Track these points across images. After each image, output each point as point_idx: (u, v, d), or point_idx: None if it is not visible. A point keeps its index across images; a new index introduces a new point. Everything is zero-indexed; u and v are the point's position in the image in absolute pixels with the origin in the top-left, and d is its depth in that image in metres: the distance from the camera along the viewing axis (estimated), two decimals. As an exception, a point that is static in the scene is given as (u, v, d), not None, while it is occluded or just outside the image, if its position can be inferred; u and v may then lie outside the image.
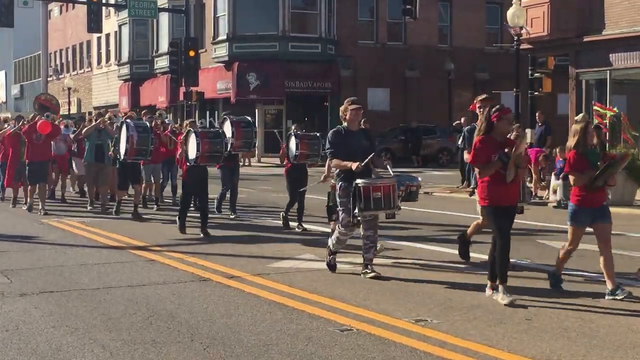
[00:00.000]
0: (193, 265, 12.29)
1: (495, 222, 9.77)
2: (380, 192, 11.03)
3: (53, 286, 10.75)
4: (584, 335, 8.14)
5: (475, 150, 9.72)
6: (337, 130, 11.50)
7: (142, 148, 17.11)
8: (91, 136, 20.05)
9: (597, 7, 27.89)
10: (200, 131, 15.65)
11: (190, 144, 15.35)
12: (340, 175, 11.25)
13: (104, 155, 19.83)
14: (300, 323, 8.62)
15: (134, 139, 16.90)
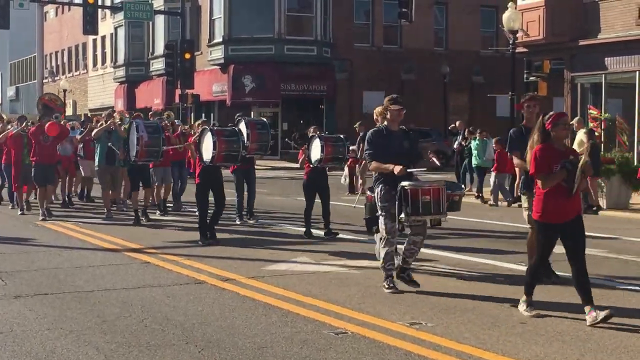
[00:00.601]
0: (188, 267, 12.27)
1: (544, 239, 9.17)
2: (429, 195, 10.27)
3: (47, 288, 10.73)
4: (578, 338, 8.15)
5: (536, 160, 8.88)
6: (378, 130, 10.70)
7: (153, 149, 16.41)
8: (101, 138, 19.14)
9: (592, 11, 27.95)
10: (216, 129, 14.91)
11: (205, 143, 14.44)
12: (380, 178, 10.48)
13: (114, 157, 18.90)
14: (295, 326, 8.62)
15: (144, 140, 16.19)
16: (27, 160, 19.57)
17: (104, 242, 15.09)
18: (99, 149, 19.11)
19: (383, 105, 10.98)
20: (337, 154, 15.67)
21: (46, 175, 18.98)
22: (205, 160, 14.41)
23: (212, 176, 14.78)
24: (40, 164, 18.83)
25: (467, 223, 18.32)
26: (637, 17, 26.31)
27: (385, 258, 10.46)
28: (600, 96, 28.14)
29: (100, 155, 19.04)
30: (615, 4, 27.17)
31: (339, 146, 15.72)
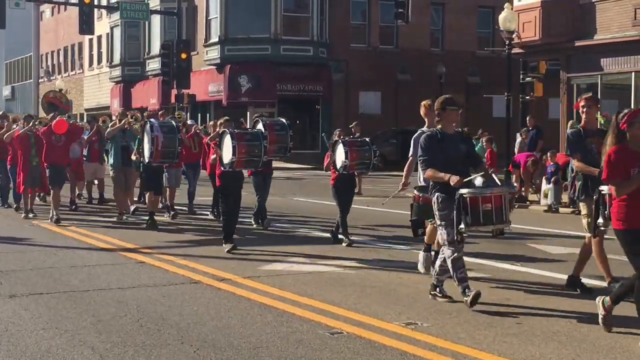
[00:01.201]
0: (184, 267, 12.27)
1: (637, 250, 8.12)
2: (490, 203, 9.52)
3: (43, 288, 10.72)
4: (573, 339, 8.15)
5: (610, 163, 8.08)
6: (432, 135, 9.78)
7: (168, 150, 15.75)
8: (116, 138, 18.44)
9: (588, 12, 27.97)
10: (236, 132, 13.86)
11: (225, 147, 13.53)
12: (436, 186, 9.66)
13: (129, 158, 17.98)
14: (291, 326, 8.62)
15: (159, 140, 15.55)
16: (34, 161, 18.75)
17: (99, 241, 15.08)
18: (113, 149, 18.50)
19: (436, 106, 9.97)
20: (363, 159, 14.90)
21: (60, 176, 18.26)
22: (224, 164, 13.57)
23: (232, 179, 13.99)
24: (54, 166, 17.98)
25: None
26: (633, 18, 26.34)
27: (456, 266, 9.51)
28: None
29: (115, 156, 18.45)
30: (611, 5, 27.19)
31: (365, 151, 14.94)
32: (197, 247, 14.44)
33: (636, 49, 26.24)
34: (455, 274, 9.50)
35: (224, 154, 13.57)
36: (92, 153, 21.70)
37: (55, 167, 17.98)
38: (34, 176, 18.76)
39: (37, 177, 18.81)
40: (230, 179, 13.91)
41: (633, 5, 26.37)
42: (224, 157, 13.53)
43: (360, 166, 15.04)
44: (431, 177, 9.72)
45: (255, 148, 13.63)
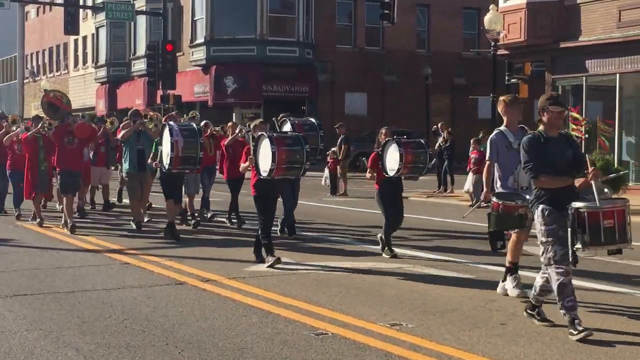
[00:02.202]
0: (169, 268, 12.25)
1: None
2: (612, 219, 8.34)
3: (27, 289, 10.68)
4: (557, 339, 8.18)
5: None
6: (535, 137, 8.61)
7: (189, 155, 14.47)
8: (130, 141, 17.01)
9: (573, 13, 28.05)
10: (276, 136, 12.32)
11: (263, 153, 12.15)
12: (543, 196, 8.49)
13: (145, 162, 16.70)
14: (276, 327, 8.61)
15: (179, 145, 14.27)
16: (42, 165, 17.60)
17: (84, 242, 15.04)
18: (128, 153, 17.05)
19: (539, 104, 8.83)
20: (418, 163, 13.55)
21: (74, 182, 16.93)
22: (262, 172, 12.23)
23: (269, 188, 12.69)
24: (66, 170, 16.63)
25: (448, 224, 18.37)
26: (618, 20, 26.43)
27: (564, 292, 8.31)
28: (581, 98, 28.26)
29: (130, 161, 17.02)
30: (596, 6, 27.28)
31: (420, 154, 13.60)
32: (182, 248, 14.41)
33: (621, 51, 26.34)
34: (562, 301, 8.33)
35: (261, 160, 12.20)
36: (99, 157, 20.73)
37: (68, 172, 16.66)
38: (43, 181, 17.66)
39: (46, 183, 17.81)
40: (267, 188, 12.60)
41: (617, 7, 26.47)
42: (261, 164, 12.17)
43: (413, 170, 13.72)
44: (548, 184, 8.46)
45: (297, 154, 12.20)
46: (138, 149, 16.90)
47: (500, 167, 10.21)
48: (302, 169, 12.41)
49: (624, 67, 26.56)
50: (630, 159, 26.99)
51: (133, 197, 17.27)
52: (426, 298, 10.19)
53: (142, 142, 16.86)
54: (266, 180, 12.30)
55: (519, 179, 10.02)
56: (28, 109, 75.02)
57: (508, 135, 10.22)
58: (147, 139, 16.73)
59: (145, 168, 16.95)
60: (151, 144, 16.16)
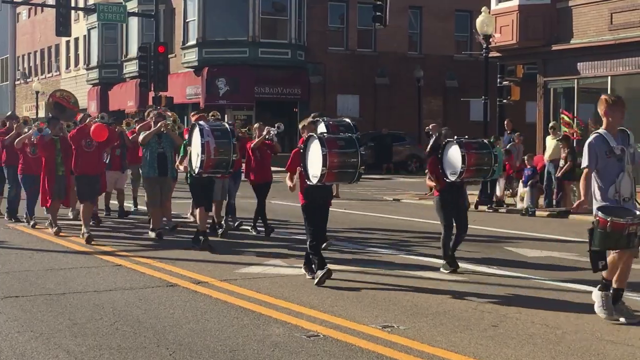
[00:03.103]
0: (160, 270, 12.23)
1: None
2: None
3: (18, 291, 10.66)
4: (549, 341, 8.19)
5: None
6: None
7: (222, 158, 13.30)
8: (150, 144, 15.80)
9: (565, 16, 28.12)
10: (327, 137, 11.03)
11: (312, 155, 10.93)
12: None
13: (167, 167, 15.81)
14: (267, 329, 8.61)
15: (210, 147, 13.10)
16: (60, 170, 16.50)
17: (76, 244, 15.00)
18: (148, 156, 15.83)
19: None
20: (483, 165, 12.27)
21: (92, 188, 15.77)
22: (311, 178, 10.96)
23: (320, 195, 11.49)
24: (84, 176, 15.54)
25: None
26: (610, 23, 26.50)
27: None
28: (572, 101, 28.32)
29: (150, 165, 15.83)
30: (587, 9, 27.35)
31: (485, 155, 12.30)
32: (174, 250, 14.38)
33: (612, 53, 26.42)
34: None
35: (310, 164, 10.97)
36: (114, 160, 19.43)
37: (86, 177, 15.55)
38: (60, 187, 16.58)
39: (63, 189, 16.68)
40: (317, 196, 11.42)
41: (609, 9, 26.54)
42: (311, 168, 10.94)
43: (477, 174, 12.45)
44: None
45: (350, 157, 10.96)
46: (159, 152, 15.79)
47: (600, 175, 8.99)
48: (356, 174, 11.04)
49: (616, 70, 26.64)
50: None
51: (153, 204, 16.07)
52: (418, 300, 10.19)
53: (163, 144, 15.83)
54: (316, 186, 11.06)
55: (620, 189, 8.92)
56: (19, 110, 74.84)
57: (609, 140, 8.98)
58: (168, 142, 15.86)
59: (166, 172, 15.92)
60: (172, 147, 15.72)
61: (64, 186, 16.61)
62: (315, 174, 10.81)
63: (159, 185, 15.91)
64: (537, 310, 9.56)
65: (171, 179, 16.60)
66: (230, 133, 13.41)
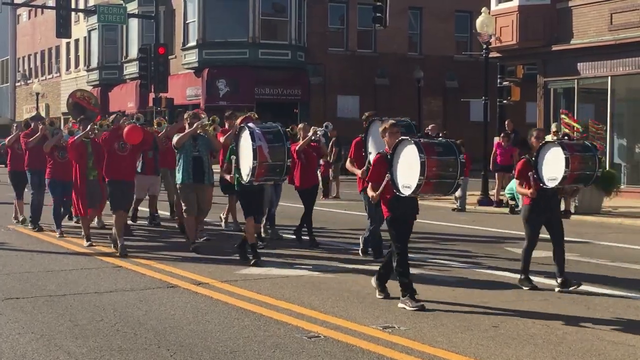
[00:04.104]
0: (161, 271, 12.23)
1: None
2: None
3: (19, 292, 10.66)
4: (550, 342, 8.18)
5: None
6: None
7: (275, 164, 12.14)
8: (185, 147, 14.27)
9: (565, 16, 28.12)
10: (423, 142, 9.66)
11: (405, 163, 9.61)
12: None
13: (203, 172, 14.36)
14: (268, 330, 8.61)
15: (264, 152, 11.96)
16: (91, 175, 15.22)
17: (76, 246, 14.99)
18: (182, 161, 14.29)
19: None
20: (585, 170, 10.97)
21: (126, 195, 14.56)
22: (402, 189, 9.66)
23: (409, 207, 10.13)
24: (117, 182, 14.28)
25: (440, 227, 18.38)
26: (610, 23, 26.51)
27: None
28: (572, 101, 28.33)
29: (184, 169, 14.27)
30: (587, 10, 27.35)
31: (588, 158, 11.00)
32: (174, 251, 14.37)
33: (612, 54, 26.42)
34: None
35: (400, 173, 9.65)
36: (147, 164, 17.62)
37: (119, 183, 14.28)
38: (92, 193, 15.24)
39: (96, 195, 15.36)
40: (407, 209, 10.05)
41: (609, 10, 26.55)
42: (402, 177, 9.64)
43: (580, 180, 11.13)
44: None
45: (450, 165, 9.65)
46: (194, 156, 14.28)
47: None
48: (454, 185, 9.80)
49: (616, 70, 26.65)
50: (622, 161, 27.05)
51: (188, 213, 14.50)
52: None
53: (198, 148, 14.34)
54: (405, 198, 9.76)
55: None
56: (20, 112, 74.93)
57: None
58: (204, 145, 14.44)
59: (203, 179, 14.39)
60: (208, 150, 14.59)
61: (97, 193, 15.33)
62: (408, 184, 9.52)
63: (194, 192, 14.34)
64: (538, 311, 9.56)
65: (209, 186, 14.82)
66: (283, 135, 12.34)
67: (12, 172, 18.60)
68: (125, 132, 14.10)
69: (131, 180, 14.77)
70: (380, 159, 10.00)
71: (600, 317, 9.30)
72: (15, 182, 18.56)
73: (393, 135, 10.02)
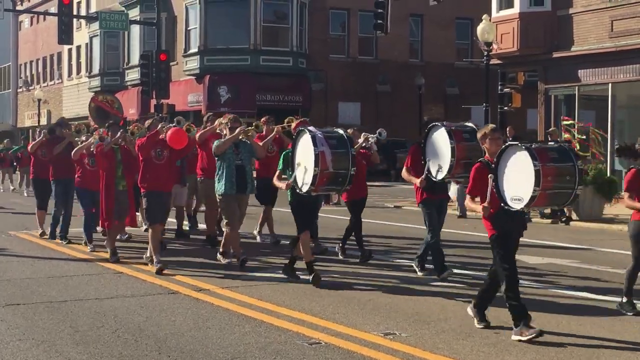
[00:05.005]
0: (162, 277, 12.22)
1: None
2: None
3: (20, 298, 10.66)
4: (551, 349, 8.17)
5: None
6: None
7: (338, 172, 10.99)
8: (227, 154, 13.21)
9: (565, 23, 28.16)
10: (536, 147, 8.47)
11: (513, 172, 8.42)
12: None
13: (246, 182, 13.35)
14: (269, 336, 8.60)
15: (326, 159, 10.81)
16: (121, 185, 14.09)
17: (77, 252, 15.00)
18: (225, 169, 13.20)
19: None
20: None
21: (163, 207, 13.43)
22: (511, 202, 8.45)
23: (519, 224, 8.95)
24: (155, 193, 13.09)
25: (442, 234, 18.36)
26: (610, 30, 26.55)
27: None
28: (573, 108, 28.36)
29: (227, 179, 13.18)
30: (588, 17, 27.39)
31: None
32: (175, 257, 14.35)
33: (613, 60, 26.45)
34: None
35: (507, 184, 8.46)
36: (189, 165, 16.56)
37: (157, 194, 13.11)
38: (121, 205, 14.06)
39: (125, 207, 14.15)
40: (514, 226, 8.88)
41: (610, 17, 26.59)
42: (510, 188, 8.45)
43: None
44: None
45: (567, 173, 8.47)
46: (237, 165, 13.23)
47: None
48: (573, 195, 8.58)
49: (616, 77, 26.67)
50: (623, 168, 27.04)
51: (230, 226, 13.35)
52: (420, 307, 10.19)
53: (241, 155, 13.33)
54: (514, 212, 8.53)
55: None
56: (21, 118, 74.99)
57: None
58: (247, 152, 13.45)
59: (245, 189, 13.39)
60: (251, 158, 13.65)
61: (125, 204, 14.10)
62: (519, 196, 8.35)
63: (236, 203, 13.34)
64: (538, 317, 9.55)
65: (248, 197, 13.84)
66: (347, 141, 11.22)
67: (35, 179, 17.53)
68: (168, 135, 13.01)
69: (169, 192, 13.72)
70: (482, 168, 8.81)
71: (602, 323, 9.29)
72: (39, 191, 17.39)
73: (494, 141, 8.95)
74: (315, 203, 12.22)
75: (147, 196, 13.16)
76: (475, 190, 8.93)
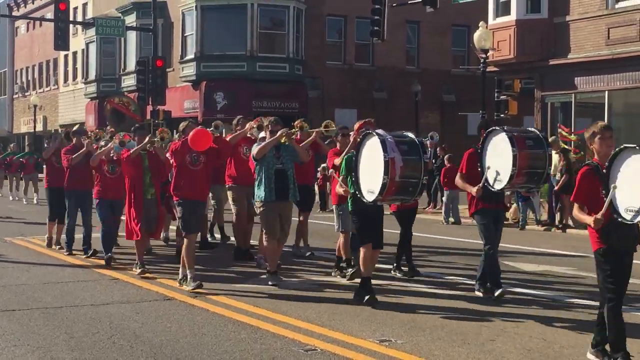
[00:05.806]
0: (157, 284, 12.21)
1: None
2: None
3: (15, 304, 10.64)
4: (547, 356, 8.17)
5: None
6: None
7: (409, 181, 10.07)
8: (267, 158, 12.24)
9: (562, 31, 28.20)
10: None
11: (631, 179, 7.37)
12: None
13: (287, 188, 12.29)
14: (265, 343, 8.59)
15: (396, 166, 9.85)
16: (149, 193, 13.37)
17: (73, 258, 14.97)
18: (264, 174, 12.19)
19: None
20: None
21: (198, 217, 12.47)
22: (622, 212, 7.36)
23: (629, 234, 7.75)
24: (190, 202, 12.09)
25: (438, 241, 18.37)
26: (607, 38, 26.60)
27: None
28: (570, 115, 28.40)
29: (266, 186, 12.16)
30: (585, 24, 27.44)
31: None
32: (170, 264, 14.32)
33: (609, 68, 26.50)
34: None
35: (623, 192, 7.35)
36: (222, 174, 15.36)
37: (191, 204, 12.09)
38: (149, 214, 13.32)
39: (154, 218, 13.49)
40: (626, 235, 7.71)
41: (606, 24, 26.64)
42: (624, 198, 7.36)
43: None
44: None
45: None
46: (277, 169, 12.24)
47: None
48: None
49: (613, 84, 26.72)
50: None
51: (270, 237, 12.24)
52: (415, 314, 10.17)
53: (282, 159, 12.32)
54: (624, 224, 7.41)
55: None
56: (17, 124, 74.95)
57: None
58: (289, 156, 12.40)
59: (287, 196, 12.33)
60: (293, 163, 12.54)
61: (154, 214, 13.46)
62: (634, 207, 7.27)
63: (277, 212, 12.23)
64: (535, 325, 9.55)
65: (292, 204, 12.82)
66: (419, 147, 10.28)
67: (50, 188, 16.47)
68: (190, 137, 11.86)
69: (204, 201, 12.89)
70: (590, 173, 7.78)
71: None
72: (52, 200, 16.31)
73: (605, 141, 7.87)
74: (380, 212, 11.05)
75: (180, 205, 12.08)
76: (579, 197, 7.85)
